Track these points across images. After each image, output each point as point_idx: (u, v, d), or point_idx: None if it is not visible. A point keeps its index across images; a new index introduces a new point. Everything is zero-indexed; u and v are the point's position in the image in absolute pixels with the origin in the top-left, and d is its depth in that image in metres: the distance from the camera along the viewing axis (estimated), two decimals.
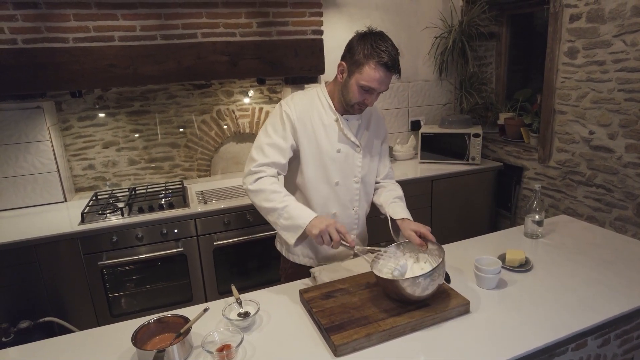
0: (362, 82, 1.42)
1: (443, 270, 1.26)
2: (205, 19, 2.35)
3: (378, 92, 1.46)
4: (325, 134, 1.54)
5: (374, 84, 1.42)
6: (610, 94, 2.35)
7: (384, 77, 1.41)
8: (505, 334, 1.18)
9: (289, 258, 1.72)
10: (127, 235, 2.24)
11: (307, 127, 1.53)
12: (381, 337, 1.16)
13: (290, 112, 1.51)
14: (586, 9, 2.40)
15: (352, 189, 1.63)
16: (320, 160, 1.55)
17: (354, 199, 1.64)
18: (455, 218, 3.06)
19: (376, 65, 1.39)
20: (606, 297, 1.34)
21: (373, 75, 1.40)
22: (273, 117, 1.55)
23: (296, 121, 1.51)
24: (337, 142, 1.56)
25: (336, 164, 1.57)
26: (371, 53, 1.39)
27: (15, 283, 2.10)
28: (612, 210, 2.44)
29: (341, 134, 1.56)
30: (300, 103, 1.55)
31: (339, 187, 1.60)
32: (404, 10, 3.15)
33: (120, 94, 2.68)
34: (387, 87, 1.46)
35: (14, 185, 2.43)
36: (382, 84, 1.43)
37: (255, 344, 1.19)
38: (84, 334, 1.30)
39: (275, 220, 1.42)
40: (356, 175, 1.62)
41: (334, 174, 1.58)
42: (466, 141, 3.01)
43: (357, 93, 1.46)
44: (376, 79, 1.41)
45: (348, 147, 1.58)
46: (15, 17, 2.04)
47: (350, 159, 1.59)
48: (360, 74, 1.42)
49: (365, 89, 1.44)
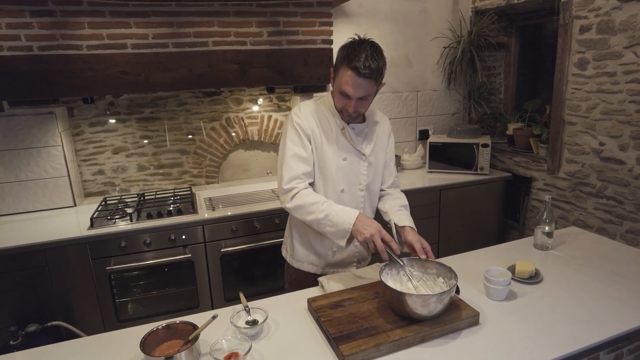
0: (338, 86, 1.44)
1: (452, 292, 1.24)
2: (217, 27, 2.38)
3: (356, 98, 1.43)
4: (331, 142, 1.56)
5: (346, 88, 1.41)
6: (620, 105, 2.34)
7: (355, 81, 1.39)
8: (515, 347, 1.17)
9: (293, 265, 1.72)
10: (135, 241, 2.25)
11: (316, 135, 1.55)
12: (390, 347, 1.15)
13: (301, 122, 1.54)
14: (596, 21, 2.40)
15: (357, 197, 1.64)
16: (326, 168, 1.57)
17: (359, 206, 1.64)
18: (463, 228, 3.04)
19: (347, 69, 1.39)
20: (618, 310, 1.32)
21: (345, 79, 1.40)
22: (288, 130, 1.56)
23: (308, 129, 1.54)
24: (343, 150, 1.57)
25: (342, 172, 1.58)
26: (345, 57, 1.40)
27: (24, 287, 2.11)
28: (623, 222, 2.41)
29: (347, 143, 1.57)
30: (308, 112, 1.57)
31: (344, 194, 1.60)
32: (413, 20, 3.17)
33: (131, 100, 2.71)
34: (364, 92, 1.42)
35: (25, 189, 2.46)
36: (355, 88, 1.40)
37: (263, 352, 1.18)
38: (91, 339, 1.30)
39: (322, 230, 1.45)
40: (361, 183, 1.63)
41: (340, 181, 1.59)
42: (475, 151, 3.00)
43: (339, 99, 1.48)
44: (348, 83, 1.40)
45: (354, 156, 1.59)
46: (31, 25, 2.08)
47: (356, 167, 1.60)
48: (338, 78, 1.44)
49: (342, 94, 1.45)
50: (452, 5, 3.26)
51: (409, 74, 3.26)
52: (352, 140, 1.57)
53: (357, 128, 1.59)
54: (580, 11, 2.48)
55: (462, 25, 3.27)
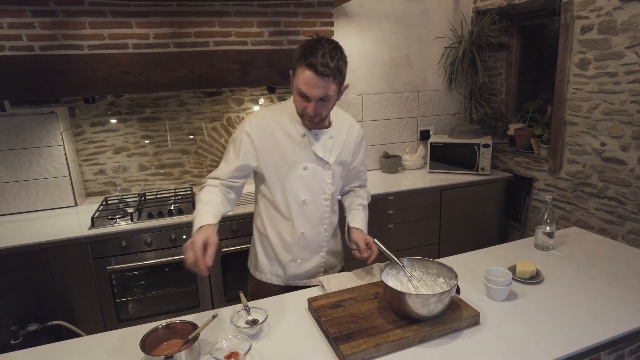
0: (296, 86, 1.35)
1: (452, 292, 1.24)
2: (218, 27, 2.38)
3: (315, 98, 1.33)
4: (291, 150, 1.47)
5: (304, 87, 1.32)
6: (622, 105, 2.33)
7: (312, 80, 1.29)
8: (516, 347, 1.16)
9: (255, 276, 1.66)
10: (136, 241, 2.25)
11: (272, 143, 1.47)
12: (390, 347, 1.15)
13: (251, 132, 1.46)
14: (598, 21, 2.39)
15: (322, 206, 1.56)
16: (285, 178, 1.49)
17: (324, 216, 1.58)
18: (464, 229, 3.04)
19: (305, 68, 1.30)
20: (619, 311, 1.31)
21: (303, 78, 1.31)
22: (235, 135, 1.51)
23: (257, 140, 1.46)
24: (304, 159, 1.48)
25: (303, 182, 1.50)
26: (301, 56, 1.32)
27: (24, 286, 2.11)
28: (625, 223, 2.40)
29: (308, 151, 1.48)
30: (264, 120, 1.48)
31: (306, 205, 1.52)
32: (414, 20, 3.17)
33: (132, 100, 2.71)
34: (322, 92, 1.32)
35: (26, 189, 2.46)
36: (313, 88, 1.31)
37: (263, 352, 1.18)
38: (91, 339, 1.30)
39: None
40: (326, 192, 1.55)
41: (301, 192, 1.51)
42: (476, 151, 3.00)
43: (297, 101, 1.39)
44: (306, 83, 1.31)
45: (316, 164, 1.50)
46: (32, 25, 2.09)
47: (320, 176, 1.52)
48: (296, 79, 1.35)
49: (301, 96, 1.35)
50: (453, 6, 3.26)
51: (410, 74, 3.26)
52: (314, 148, 1.48)
53: (320, 134, 1.49)
54: (581, 11, 2.48)
55: (463, 26, 3.27)
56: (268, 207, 1.57)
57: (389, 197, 2.75)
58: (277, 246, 1.59)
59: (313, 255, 1.61)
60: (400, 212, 2.81)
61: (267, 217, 1.58)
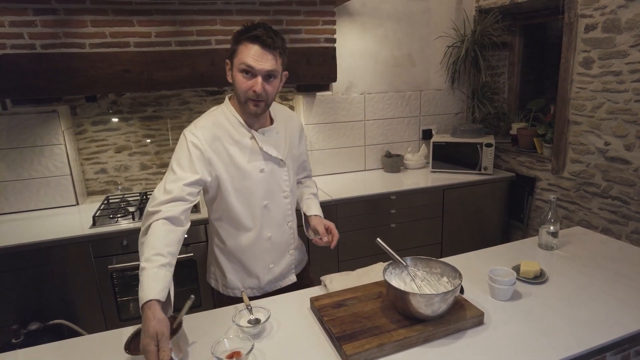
0: (239, 63, 1.31)
1: (456, 292, 1.23)
2: (220, 26, 2.37)
3: (261, 73, 1.31)
4: (242, 156, 1.41)
5: (249, 59, 1.29)
6: (626, 104, 2.32)
7: (258, 51, 1.29)
8: (520, 347, 1.15)
9: (227, 294, 1.56)
10: (137, 240, 2.24)
11: (221, 153, 1.38)
12: (393, 347, 1.14)
13: (198, 142, 1.35)
14: (602, 19, 2.38)
15: (283, 205, 1.53)
16: (243, 186, 1.42)
17: (287, 215, 1.55)
18: (466, 228, 3.03)
19: (247, 41, 1.30)
20: (624, 311, 1.30)
21: (246, 52, 1.30)
22: (178, 150, 1.37)
23: (208, 150, 1.36)
24: (257, 161, 1.43)
25: (261, 186, 1.45)
26: (241, 33, 1.32)
27: (26, 285, 2.11)
28: (629, 222, 2.39)
29: (260, 152, 1.43)
30: (207, 129, 1.38)
31: (268, 209, 1.48)
32: (416, 19, 3.16)
33: (134, 99, 2.70)
34: (269, 65, 1.31)
35: (27, 187, 2.46)
36: (259, 59, 1.29)
37: (266, 352, 1.17)
38: (92, 338, 1.30)
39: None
40: (284, 190, 1.52)
41: (261, 196, 1.46)
42: (478, 151, 2.98)
43: (241, 82, 1.33)
44: (250, 55, 1.29)
45: (271, 164, 1.46)
46: (34, 23, 2.08)
47: (277, 175, 1.49)
48: (237, 57, 1.32)
49: (246, 72, 1.31)
50: (456, 5, 3.25)
51: (412, 74, 3.25)
52: (265, 149, 1.43)
53: (266, 132, 1.45)
54: (585, 10, 2.46)
55: (465, 25, 3.26)
56: (226, 223, 1.48)
57: (391, 197, 2.74)
58: (245, 259, 1.51)
59: (282, 256, 1.58)
60: (403, 212, 2.80)
61: (227, 233, 1.49)
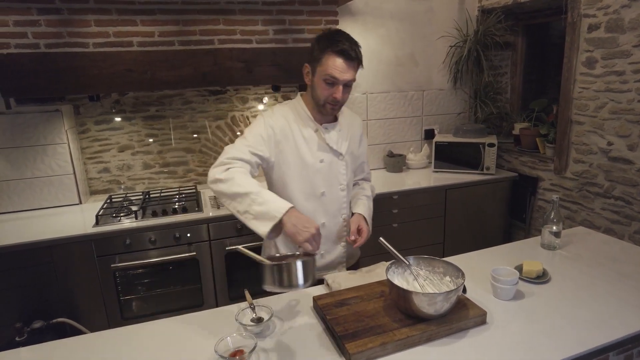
0: (324, 74, 1.42)
1: (459, 291, 1.24)
2: (223, 25, 2.38)
3: (343, 83, 1.43)
4: (307, 146, 1.53)
5: (334, 72, 1.40)
6: (629, 104, 2.31)
7: (343, 64, 1.40)
8: (522, 346, 1.15)
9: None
10: (140, 239, 2.25)
11: (290, 140, 1.52)
12: (396, 346, 1.14)
13: (273, 124, 1.49)
14: (605, 19, 2.37)
15: (339, 197, 1.62)
16: (304, 173, 1.54)
17: (342, 207, 1.64)
18: (468, 228, 3.03)
19: (333, 54, 1.40)
20: (626, 311, 1.30)
21: (332, 64, 1.40)
22: (255, 126, 1.50)
23: (279, 134, 1.50)
24: (319, 152, 1.55)
25: (320, 175, 1.56)
26: (327, 44, 1.41)
27: (29, 283, 2.12)
28: (632, 223, 2.38)
29: (323, 144, 1.55)
30: (282, 116, 1.53)
31: (325, 197, 1.58)
32: (419, 19, 3.16)
33: (137, 98, 2.71)
34: (351, 76, 1.44)
35: (30, 186, 2.47)
36: (343, 72, 1.41)
37: (269, 350, 1.18)
38: (95, 336, 1.30)
39: (247, 207, 1.30)
40: (342, 183, 1.61)
41: (319, 184, 1.56)
42: (481, 151, 2.98)
43: (323, 89, 1.45)
44: (336, 67, 1.40)
45: (331, 156, 1.57)
46: (38, 23, 2.09)
47: (335, 168, 1.59)
48: (322, 67, 1.42)
49: (328, 82, 1.43)
50: (459, 4, 3.25)
51: (414, 73, 3.25)
52: (328, 141, 1.55)
53: (330, 128, 1.57)
54: (588, 9, 2.46)
55: (468, 24, 3.25)
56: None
57: (393, 197, 2.74)
58: None
59: (334, 246, 1.66)
60: (405, 212, 2.80)
61: None
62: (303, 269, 1.16)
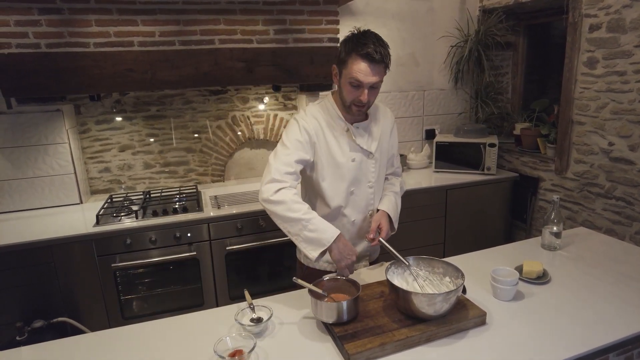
0: (349, 77, 1.42)
1: (458, 291, 1.23)
2: (223, 25, 2.38)
3: (368, 86, 1.42)
4: (338, 145, 1.55)
5: (359, 75, 1.39)
6: (631, 104, 2.31)
7: (367, 68, 1.39)
8: (522, 347, 1.15)
9: (307, 264, 1.71)
10: (141, 238, 2.26)
11: (321, 140, 1.54)
12: (395, 347, 1.14)
13: (308, 127, 1.52)
14: (606, 19, 2.37)
15: (367, 194, 1.64)
16: (337, 171, 1.56)
17: (370, 203, 1.65)
18: (469, 228, 3.02)
19: (358, 57, 1.39)
20: (627, 312, 1.30)
21: (357, 67, 1.39)
22: (291, 131, 1.52)
23: (314, 136, 1.52)
24: (350, 151, 1.57)
25: (351, 173, 1.58)
26: (352, 47, 1.40)
27: (30, 283, 2.12)
28: (633, 223, 2.38)
29: (354, 143, 1.56)
30: (315, 117, 1.55)
31: (354, 195, 1.61)
32: (420, 19, 3.15)
33: (138, 98, 2.71)
34: (377, 79, 1.42)
35: (32, 186, 2.47)
36: (368, 75, 1.40)
37: (268, 350, 1.18)
38: (95, 335, 1.31)
39: (298, 232, 1.39)
40: (370, 180, 1.63)
41: (350, 183, 1.59)
42: (481, 151, 2.98)
43: (349, 91, 1.45)
44: (361, 70, 1.39)
45: (361, 155, 1.59)
46: (39, 22, 2.09)
47: (365, 166, 1.60)
48: (347, 69, 1.43)
49: (354, 85, 1.43)
50: (460, 4, 3.24)
51: (415, 73, 3.24)
52: (358, 141, 1.57)
53: (361, 127, 1.58)
54: (590, 9, 2.45)
55: (469, 24, 3.25)
56: (317, 200, 1.62)
57: None
58: None
59: (361, 241, 1.68)
60: (405, 212, 2.78)
61: (319, 209, 1.61)
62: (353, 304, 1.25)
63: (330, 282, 1.35)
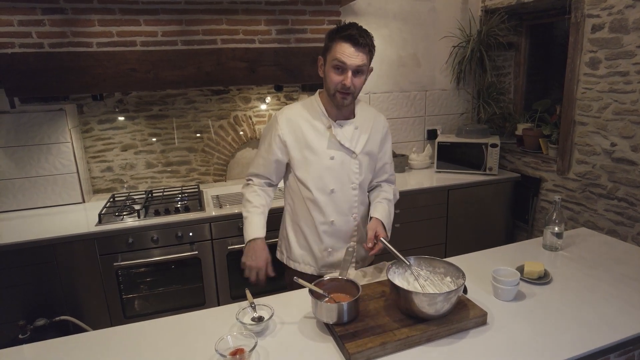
0: (333, 59, 1.44)
1: (459, 291, 1.24)
2: (225, 25, 2.39)
3: (351, 68, 1.43)
4: (318, 142, 1.55)
5: (342, 56, 1.41)
6: (633, 105, 2.30)
7: (350, 48, 1.42)
8: (523, 347, 1.15)
9: (290, 266, 1.72)
10: (143, 238, 2.26)
11: (299, 137, 1.55)
12: (396, 346, 1.14)
13: (280, 127, 1.56)
14: (609, 19, 2.36)
15: (350, 196, 1.61)
16: (314, 169, 1.56)
17: (353, 206, 1.63)
18: (471, 229, 3.02)
19: (341, 40, 1.42)
20: (628, 313, 1.29)
21: (340, 49, 1.42)
22: (265, 130, 1.65)
23: (286, 135, 1.56)
24: (329, 149, 1.55)
25: (331, 172, 1.56)
26: (335, 32, 1.45)
27: (32, 281, 2.13)
28: (635, 224, 2.37)
29: (334, 141, 1.55)
30: (292, 115, 1.58)
31: (335, 194, 1.58)
32: (422, 19, 3.15)
33: (140, 98, 2.72)
34: (360, 61, 1.43)
35: (34, 185, 2.48)
36: (351, 56, 1.42)
37: (269, 349, 1.18)
38: (97, 334, 1.31)
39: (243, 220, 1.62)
40: (353, 182, 1.60)
41: (329, 181, 1.57)
42: (483, 151, 2.97)
43: (332, 76, 1.46)
44: (344, 52, 1.41)
45: (342, 154, 1.56)
46: (42, 22, 2.10)
47: (347, 166, 1.58)
48: (330, 54, 1.45)
49: (337, 68, 1.44)
50: (462, 4, 3.24)
51: (417, 74, 3.24)
52: (339, 138, 1.54)
53: (345, 124, 1.56)
54: (592, 10, 2.45)
55: (471, 25, 3.25)
56: (298, 198, 1.63)
57: None
58: (308, 235, 1.64)
59: (343, 245, 1.65)
60: (407, 212, 2.80)
61: (299, 208, 1.64)
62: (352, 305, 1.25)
63: (331, 282, 1.35)
